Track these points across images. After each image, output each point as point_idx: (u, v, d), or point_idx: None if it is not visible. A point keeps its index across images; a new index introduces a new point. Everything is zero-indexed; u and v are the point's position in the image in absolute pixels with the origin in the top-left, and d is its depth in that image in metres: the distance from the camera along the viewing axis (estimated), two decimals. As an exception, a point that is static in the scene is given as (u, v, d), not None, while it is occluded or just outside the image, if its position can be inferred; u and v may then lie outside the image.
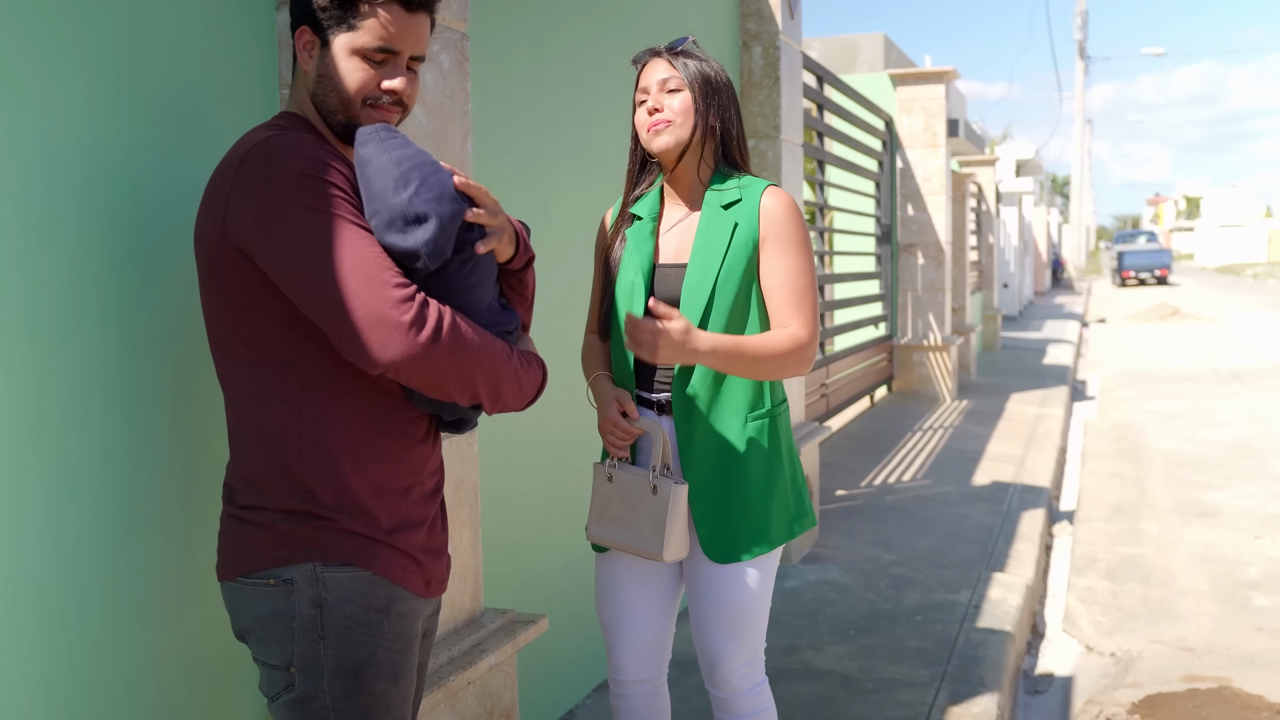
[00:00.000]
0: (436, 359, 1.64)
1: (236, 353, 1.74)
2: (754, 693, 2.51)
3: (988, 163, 17.38)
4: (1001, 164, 23.91)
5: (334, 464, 1.73)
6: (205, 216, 1.72)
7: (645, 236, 2.48)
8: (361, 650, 1.76)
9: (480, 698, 2.61)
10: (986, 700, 3.79)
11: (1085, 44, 43.86)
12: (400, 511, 1.81)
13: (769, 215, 2.40)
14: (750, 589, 2.44)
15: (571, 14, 3.67)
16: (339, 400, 1.74)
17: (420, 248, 1.67)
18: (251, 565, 1.75)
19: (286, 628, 1.73)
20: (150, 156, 1.96)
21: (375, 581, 1.77)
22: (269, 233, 1.64)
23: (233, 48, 2.16)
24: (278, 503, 1.73)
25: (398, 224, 1.67)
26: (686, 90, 2.39)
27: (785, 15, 5.49)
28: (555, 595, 3.51)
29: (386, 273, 1.63)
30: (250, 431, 1.75)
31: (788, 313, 2.39)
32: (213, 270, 1.72)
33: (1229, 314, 24.82)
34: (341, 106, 1.78)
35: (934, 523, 6.33)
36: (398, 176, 1.68)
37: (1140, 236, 46.46)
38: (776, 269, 2.40)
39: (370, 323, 1.60)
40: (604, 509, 2.47)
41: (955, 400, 11.07)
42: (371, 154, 1.71)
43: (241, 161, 1.67)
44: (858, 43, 14.09)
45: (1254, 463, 8.55)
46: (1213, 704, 4.13)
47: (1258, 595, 5.44)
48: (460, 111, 2.67)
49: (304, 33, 1.79)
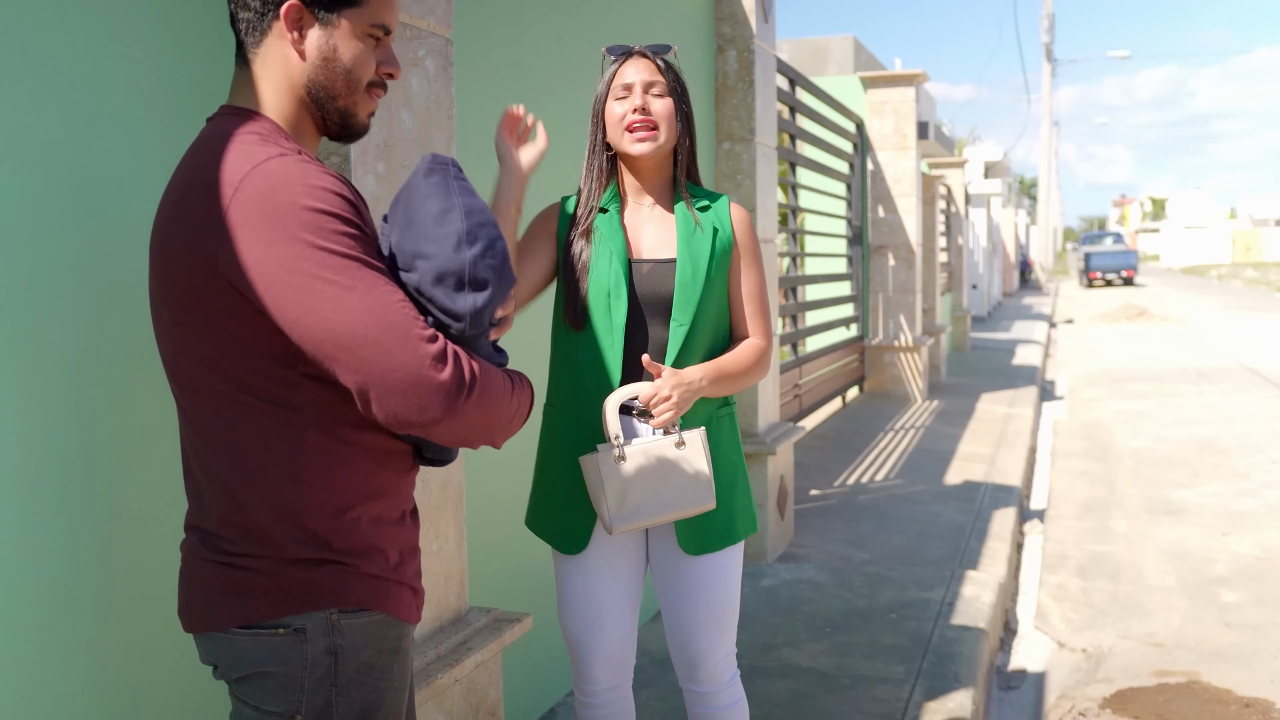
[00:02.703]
0: (468, 415, 1.54)
1: (220, 392, 1.55)
2: (733, 683, 2.57)
3: (957, 165, 17.50)
4: (970, 166, 24.10)
5: (344, 508, 1.60)
6: (183, 244, 1.51)
7: (614, 230, 2.47)
8: (372, 695, 1.65)
9: (466, 695, 2.64)
10: (961, 696, 3.84)
11: (1052, 47, 44.13)
12: (399, 541, 1.70)
13: (741, 227, 2.53)
14: (728, 580, 2.52)
15: (550, 17, 3.70)
16: (344, 440, 1.60)
17: (468, 313, 1.55)
18: (252, 616, 1.58)
19: (295, 678, 1.59)
20: (129, 158, 1.97)
21: (388, 623, 1.67)
22: (278, 278, 1.46)
23: (213, 49, 2.17)
24: (285, 551, 1.57)
25: (450, 281, 1.54)
26: (670, 97, 2.44)
27: (759, 19, 5.54)
28: (539, 593, 3.54)
29: (415, 326, 1.49)
30: (243, 476, 1.56)
31: (753, 322, 2.55)
32: (191, 304, 1.52)
33: (1195, 314, 25.09)
34: (347, 91, 1.64)
35: (907, 521, 6.39)
36: (465, 230, 1.55)
37: (1107, 238, 46.82)
38: (747, 280, 2.54)
39: (407, 385, 1.48)
40: (623, 495, 2.35)
41: (926, 400, 11.16)
42: (437, 190, 1.58)
43: (238, 189, 1.47)
44: (827, 45, 14.14)
45: (1220, 461, 8.67)
46: (1182, 698, 4.20)
47: (1225, 591, 5.53)
48: (445, 116, 2.69)
49: (295, 10, 1.58)
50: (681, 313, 2.42)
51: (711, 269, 2.44)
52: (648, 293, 2.44)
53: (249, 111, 1.60)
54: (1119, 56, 47.16)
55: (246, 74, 1.63)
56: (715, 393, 2.44)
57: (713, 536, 2.48)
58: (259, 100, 1.62)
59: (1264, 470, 8.27)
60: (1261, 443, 9.33)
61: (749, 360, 2.50)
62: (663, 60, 2.47)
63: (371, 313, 1.47)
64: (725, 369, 2.45)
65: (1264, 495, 7.48)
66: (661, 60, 2.47)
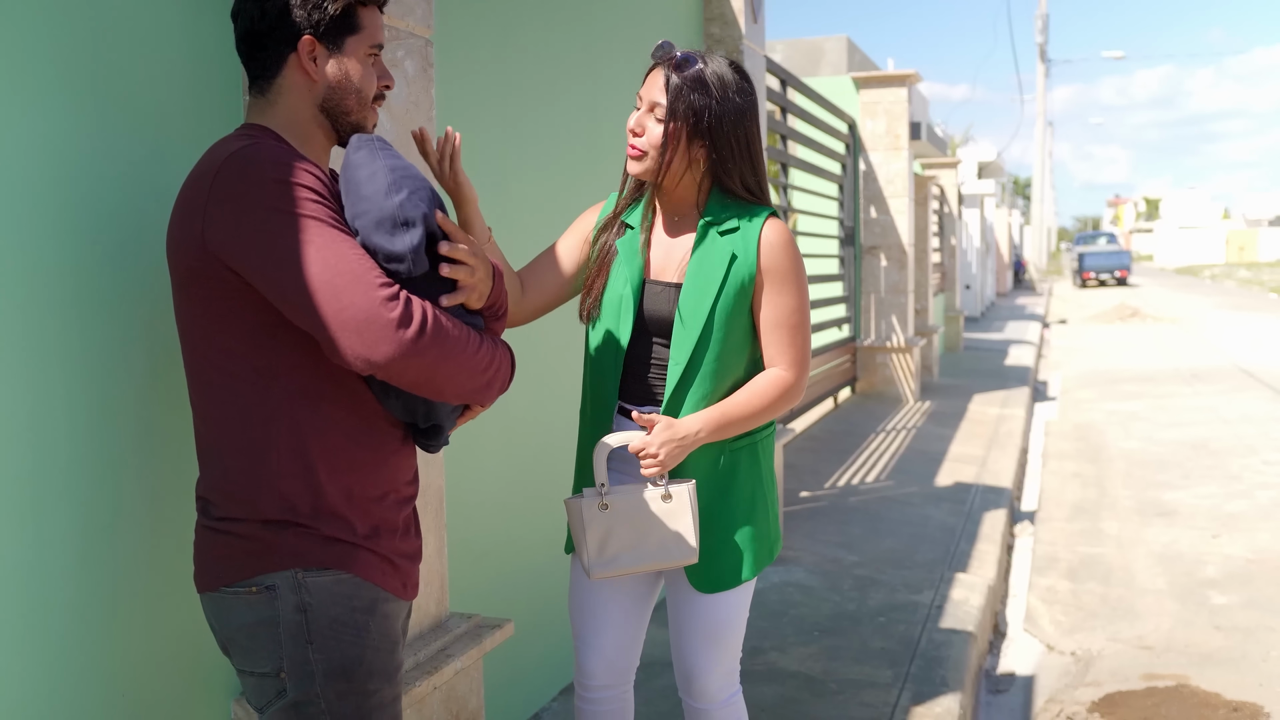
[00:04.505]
0: (423, 354, 1.65)
1: (215, 364, 1.74)
2: (729, 703, 2.50)
3: (950, 165, 17.50)
4: (964, 166, 24.11)
5: (310, 474, 1.75)
6: (181, 228, 1.71)
7: (635, 250, 2.41)
8: (350, 652, 1.77)
9: (446, 702, 2.61)
10: (949, 700, 3.82)
11: (1046, 47, 44.22)
12: (373, 517, 1.82)
13: (768, 251, 2.33)
14: (732, 611, 2.43)
15: (537, 17, 3.67)
16: (318, 411, 1.75)
17: (407, 251, 1.69)
18: (232, 575, 1.75)
19: (272, 634, 1.74)
20: (117, 161, 1.95)
21: (358, 584, 1.79)
22: (250, 241, 1.64)
23: (200, 53, 2.15)
24: (258, 513, 1.74)
25: (386, 226, 1.69)
26: (671, 122, 2.27)
27: (749, 19, 5.52)
28: (521, 599, 3.51)
29: (370, 273, 1.64)
30: (227, 444, 1.75)
31: (778, 351, 2.37)
32: (191, 282, 1.71)
33: (1188, 315, 25.12)
34: (359, 107, 1.85)
35: (897, 524, 6.37)
36: (390, 182, 1.71)
37: (1101, 238, 46.87)
38: (772, 305, 2.35)
39: (359, 323, 1.61)
40: (604, 541, 2.33)
41: (918, 401, 11.15)
42: (364, 159, 1.74)
43: (218, 172, 1.66)
44: (821, 45, 14.15)
45: (1212, 462, 8.67)
46: (1171, 702, 4.18)
47: (1215, 594, 5.52)
48: (425, 117, 2.67)
49: (309, 44, 1.79)
50: (682, 343, 2.33)
51: (720, 297, 2.31)
52: (654, 314, 2.37)
53: (258, 126, 1.80)
54: (1114, 57, 47.24)
55: (260, 101, 1.83)
56: (723, 437, 2.33)
57: (723, 574, 2.39)
58: (276, 120, 1.82)
59: (1256, 472, 8.26)
60: (1254, 444, 9.33)
61: (765, 397, 2.34)
62: (681, 77, 2.27)
63: (326, 261, 1.62)
64: (731, 415, 2.31)
65: (1256, 497, 7.48)
66: (680, 77, 2.27)
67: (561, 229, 3.74)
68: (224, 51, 2.20)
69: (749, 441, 2.42)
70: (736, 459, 2.40)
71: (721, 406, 2.32)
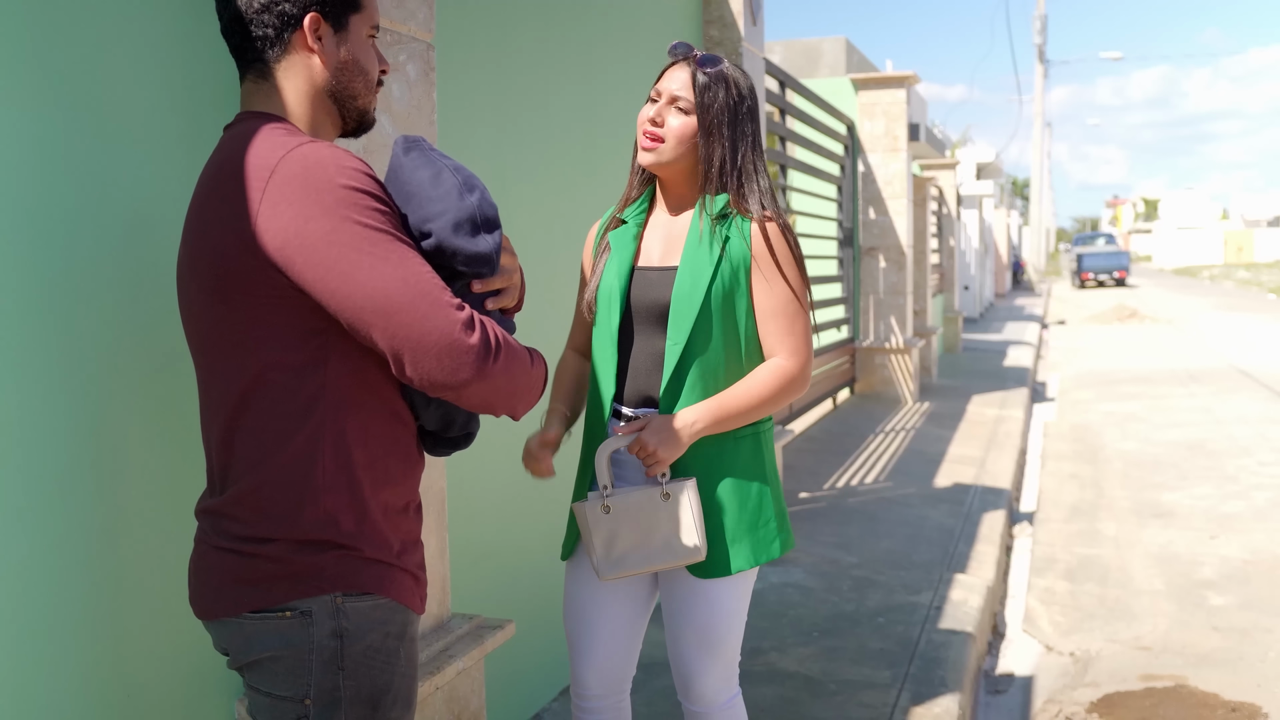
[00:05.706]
0: (495, 378, 1.63)
1: (253, 374, 1.62)
2: (728, 706, 2.48)
3: (948, 166, 17.51)
4: (962, 167, 24.13)
5: (355, 488, 1.67)
6: (220, 229, 1.59)
7: (628, 240, 2.43)
8: (380, 679, 1.70)
9: (448, 703, 2.63)
10: (948, 701, 3.84)
11: (1044, 48, 44.25)
12: (403, 531, 1.77)
13: (760, 236, 2.33)
14: (726, 606, 2.40)
15: (534, 19, 3.69)
16: (361, 422, 1.68)
17: (492, 252, 1.67)
18: (259, 601, 1.64)
19: (301, 660, 1.65)
20: (117, 161, 1.96)
21: (393, 608, 1.72)
22: (317, 250, 1.55)
23: (195, 49, 2.16)
24: (295, 531, 1.63)
25: (466, 228, 1.65)
26: (693, 117, 2.32)
27: (748, 21, 5.53)
28: (521, 600, 3.53)
29: (444, 293, 1.59)
30: (264, 457, 1.63)
31: (776, 340, 2.37)
32: (233, 286, 1.59)
33: (1186, 315, 25.13)
34: (365, 91, 1.78)
35: (895, 524, 6.39)
36: (461, 182, 1.67)
37: (1099, 239, 46.87)
38: (769, 292, 2.35)
39: (442, 349, 1.57)
40: (610, 543, 2.34)
41: (917, 402, 11.16)
42: (420, 160, 1.70)
43: (274, 171, 1.56)
44: (819, 46, 14.15)
45: (1209, 463, 8.68)
46: (1169, 702, 4.20)
47: (1213, 595, 5.53)
48: (426, 121, 2.68)
49: (314, 23, 1.70)
50: (678, 327, 2.31)
51: (716, 282, 2.31)
52: (644, 300, 2.37)
53: (269, 114, 1.70)
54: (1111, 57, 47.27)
55: (264, 85, 1.72)
56: (722, 430, 2.32)
57: (716, 560, 2.37)
58: (281, 107, 1.72)
59: (1252, 473, 8.28)
60: (1250, 445, 9.34)
61: (767, 388, 2.33)
62: (706, 73, 2.32)
63: (406, 281, 1.56)
64: (730, 406, 2.31)
65: (1252, 498, 7.49)
66: (705, 73, 2.32)
67: (559, 229, 3.77)
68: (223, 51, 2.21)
69: (752, 431, 2.41)
70: (738, 448, 2.39)
71: (720, 397, 2.32)
